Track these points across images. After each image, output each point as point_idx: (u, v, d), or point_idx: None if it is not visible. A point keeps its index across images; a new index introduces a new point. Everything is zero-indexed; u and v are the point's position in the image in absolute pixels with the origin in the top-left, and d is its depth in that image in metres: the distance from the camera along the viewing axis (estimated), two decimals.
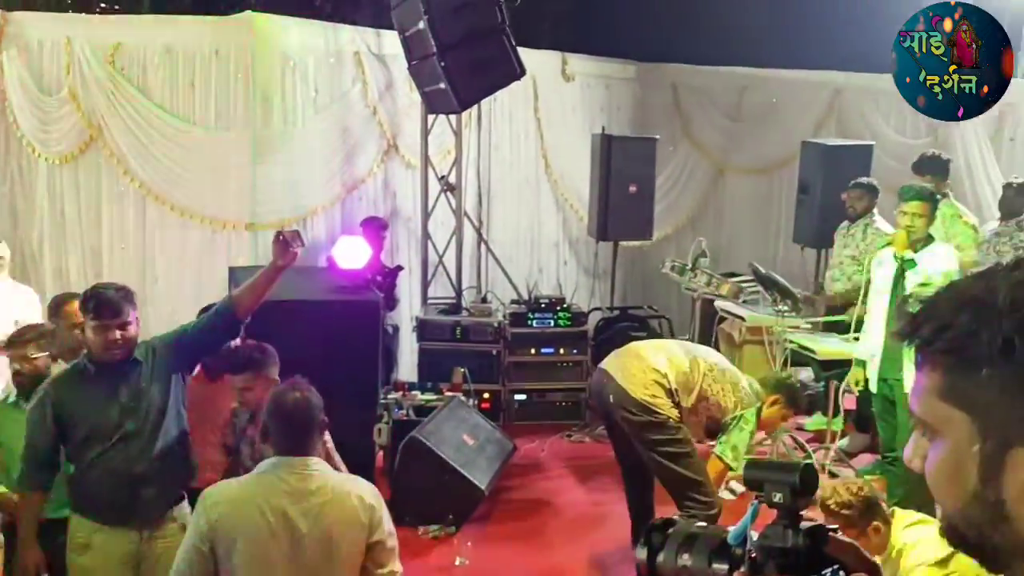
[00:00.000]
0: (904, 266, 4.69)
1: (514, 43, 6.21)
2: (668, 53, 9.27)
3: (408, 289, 7.40)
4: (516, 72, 6.27)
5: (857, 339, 5.32)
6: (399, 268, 7.03)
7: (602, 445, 6.48)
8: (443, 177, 7.21)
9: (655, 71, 9.10)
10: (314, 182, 6.95)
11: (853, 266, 6.14)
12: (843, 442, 6.36)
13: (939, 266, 4.62)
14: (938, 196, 5.21)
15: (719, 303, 6.86)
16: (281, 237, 3.46)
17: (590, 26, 9.75)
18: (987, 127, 8.63)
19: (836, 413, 6.10)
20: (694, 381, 4.31)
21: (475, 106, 7.12)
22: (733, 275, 7.70)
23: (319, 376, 4.14)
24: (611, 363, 4.51)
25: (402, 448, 4.96)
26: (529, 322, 6.87)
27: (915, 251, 4.69)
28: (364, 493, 2.83)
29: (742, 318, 6.51)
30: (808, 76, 8.95)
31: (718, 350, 7.18)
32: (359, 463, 3.98)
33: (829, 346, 5.79)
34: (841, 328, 5.95)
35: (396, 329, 7.06)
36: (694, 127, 9.09)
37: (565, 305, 6.99)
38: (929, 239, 4.74)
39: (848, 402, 6.27)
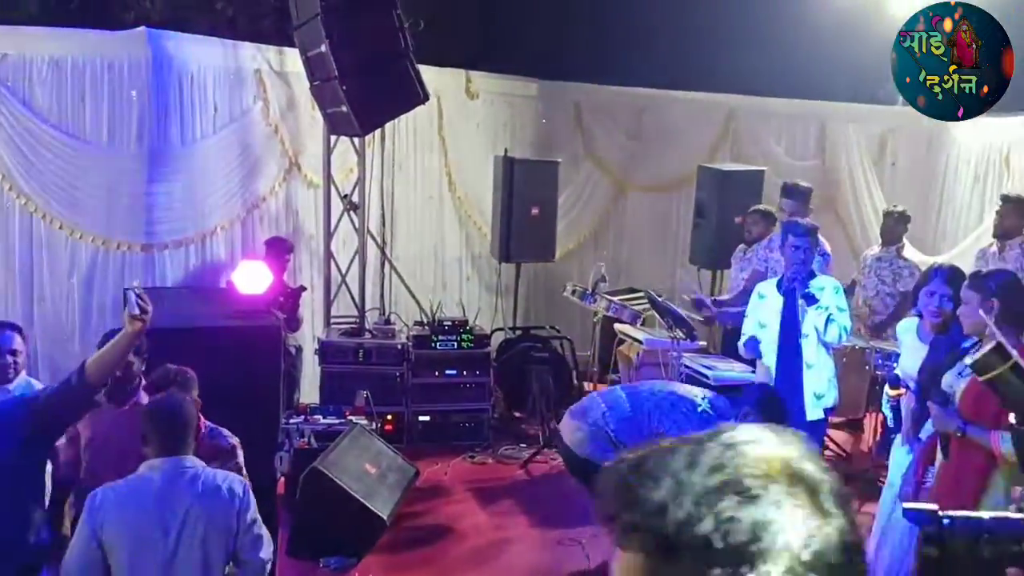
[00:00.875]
0: (802, 299, 4.88)
1: (417, 68, 6.22)
2: (570, 72, 9.42)
3: (311, 309, 7.33)
4: (419, 97, 6.29)
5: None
6: (302, 288, 6.95)
7: (505, 466, 6.58)
8: (346, 196, 7.17)
9: (557, 89, 9.23)
10: (214, 201, 6.82)
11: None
12: None
13: (829, 298, 4.86)
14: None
15: (618, 326, 7.02)
16: (127, 302, 3.30)
17: (494, 44, 9.82)
18: (870, 152, 9.06)
19: None
20: (640, 422, 4.35)
21: None
22: (633, 291, 7.90)
23: (219, 403, 4.11)
24: (563, 422, 4.56)
25: (303, 479, 4.91)
26: (433, 344, 6.89)
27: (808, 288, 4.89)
28: (234, 484, 3.20)
29: (640, 341, 6.68)
30: (704, 98, 9.23)
31: (616, 371, 7.38)
32: (260, 489, 3.95)
33: (722, 371, 6.00)
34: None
35: (299, 350, 6.98)
36: (596, 145, 9.26)
37: (468, 327, 7.04)
38: (811, 273, 4.96)
39: None
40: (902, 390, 4.19)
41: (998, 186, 7.93)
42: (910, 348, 4.29)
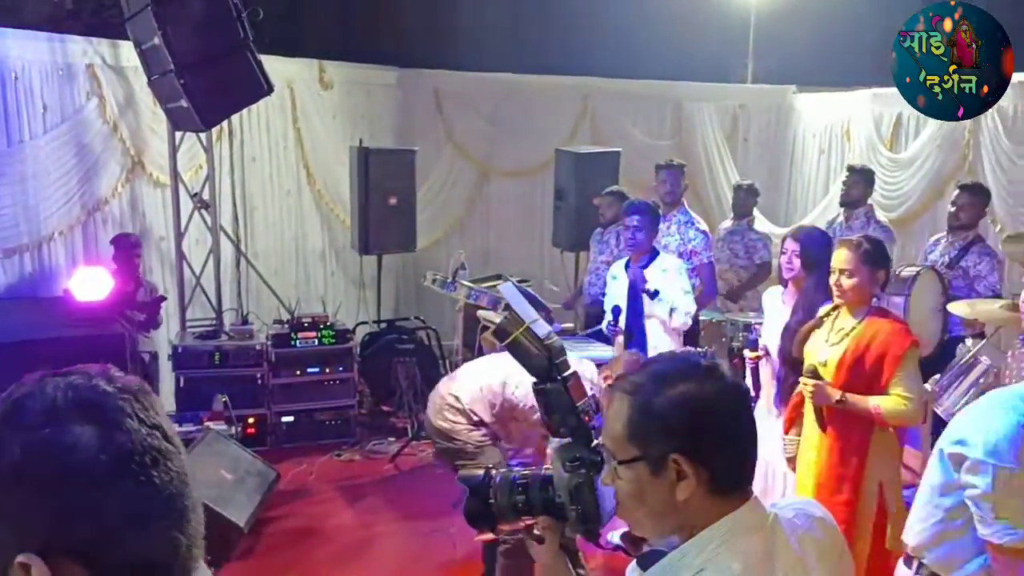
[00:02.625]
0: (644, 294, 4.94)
1: (259, 59, 6.02)
2: (429, 59, 9.33)
3: (165, 313, 7.04)
4: (263, 88, 6.08)
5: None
6: (162, 298, 6.69)
7: (373, 462, 6.49)
8: (196, 194, 6.90)
9: (416, 77, 9.13)
10: (49, 205, 6.45)
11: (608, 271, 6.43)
12: None
13: (672, 279, 4.93)
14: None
15: (481, 312, 6.99)
16: None
17: (348, 32, 9.64)
18: (724, 129, 9.31)
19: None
20: (496, 394, 4.26)
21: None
22: (499, 277, 7.88)
23: None
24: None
25: None
26: (292, 343, 6.72)
27: (647, 261, 4.95)
28: None
29: None
30: (562, 81, 9.28)
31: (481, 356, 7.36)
32: None
33: (583, 353, 6.04)
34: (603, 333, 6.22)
35: (154, 356, 6.70)
36: (457, 132, 9.21)
37: (328, 323, 6.89)
38: (655, 251, 5.02)
39: None
40: (760, 353, 4.28)
41: (841, 158, 8.27)
42: (773, 313, 4.38)
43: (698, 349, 1.53)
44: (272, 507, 5.48)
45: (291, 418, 6.70)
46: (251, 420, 6.51)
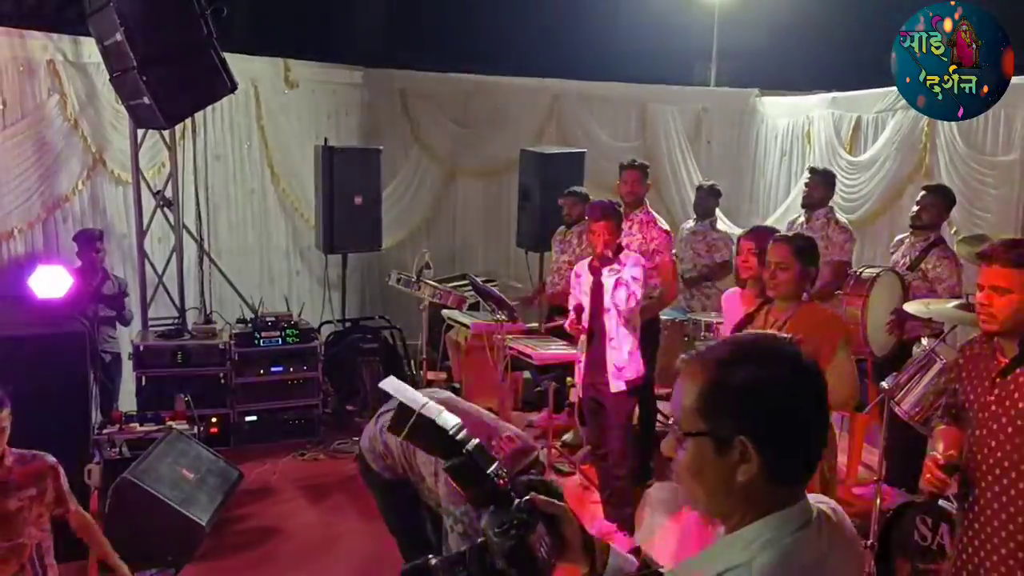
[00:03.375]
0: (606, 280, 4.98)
1: (223, 56, 6.00)
2: (395, 59, 9.33)
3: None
4: (227, 86, 6.06)
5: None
6: (124, 295, 6.62)
7: (336, 461, 6.48)
8: (159, 192, 6.86)
9: (382, 77, 9.12)
10: (8, 201, 6.38)
11: (570, 271, 6.46)
12: (568, 436, 6.73)
13: (633, 273, 4.96)
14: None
15: (446, 312, 7.02)
16: None
17: (314, 31, 9.62)
18: (687, 131, 9.41)
19: (558, 410, 6.44)
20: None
21: (189, 117, 6.84)
22: (465, 277, 7.91)
23: (21, 417, 3.84)
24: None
25: (112, 490, 4.67)
26: (256, 342, 6.69)
27: (609, 259, 4.98)
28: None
29: (467, 326, 6.70)
30: (529, 83, 9.33)
31: (446, 357, 7.39)
32: None
33: (546, 351, 6.09)
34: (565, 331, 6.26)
35: (116, 357, 6.64)
36: (423, 132, 9.21)
37: (293, 322, 6.87)
38: (619, 248, 5.06)
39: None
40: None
41: (802, 160, 8.39)
42: (733, 314, 4.45)
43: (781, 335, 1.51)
44: (235, 507, 5.46)
45: (254, 417, 6.67)
46: (214, 420, 6.47)
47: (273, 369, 6.71)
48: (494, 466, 1.71)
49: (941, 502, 4.11)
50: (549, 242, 7.08)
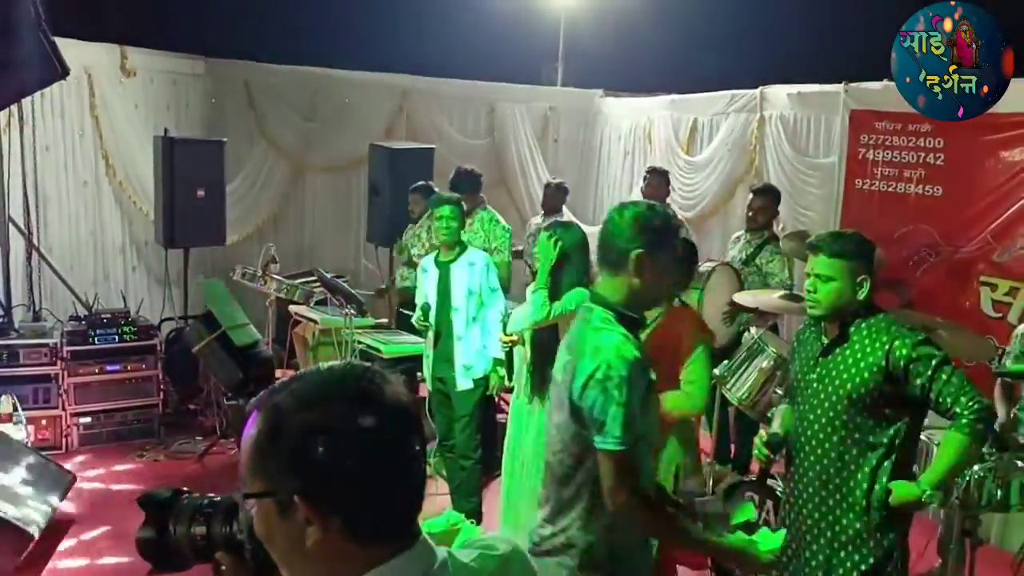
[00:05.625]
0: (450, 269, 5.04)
1: (53, 40, 5.70)
2: (240, 50, 9.08)
3: None
4: (58, 72, 5.77)
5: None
6: None
7: (179, 461, 6.27)
8: None
9: (226, 68, 8.86)
10: None
11: (411, 274, 6.49)
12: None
13: (478, 271, 5.04)
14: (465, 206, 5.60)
15: (293, 307, 6.92)
16: None
17: (154, 18, 9.25)
18: (535, 130, 9.61)
19: None
20: None
21: (15, 104, 6.48)
22: (312, 273, 7.80)
23: None
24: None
25: None
26: (91, 339, 6.40)
27: (455, 255, 5.05)
28: None
29: (315, 321, 6.63)
30: (378, 79, 9.28)
31: (293, 354, 7.27)
32: None
33: (395, 346, 6.10)
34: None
35: None
36: (270, 126, 9.01)
37: (130, 319, 6.60)
38: (463, 245, 5.13)
39: None
40: (515, 337, 4.42)
41: (644, 159, 8.72)
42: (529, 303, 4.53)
43: (371, 364, 1.23)
44: (68, 511, 5.21)
45: (89, 419, 6.37)
46: (44, 421, 6.15)
47: (109, 368, 6.42)
48: None
49: (769, 481, 4.39)
50: (399, 237, 7.09)
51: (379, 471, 1.14)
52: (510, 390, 4.94)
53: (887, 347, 2.97)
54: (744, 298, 5.21)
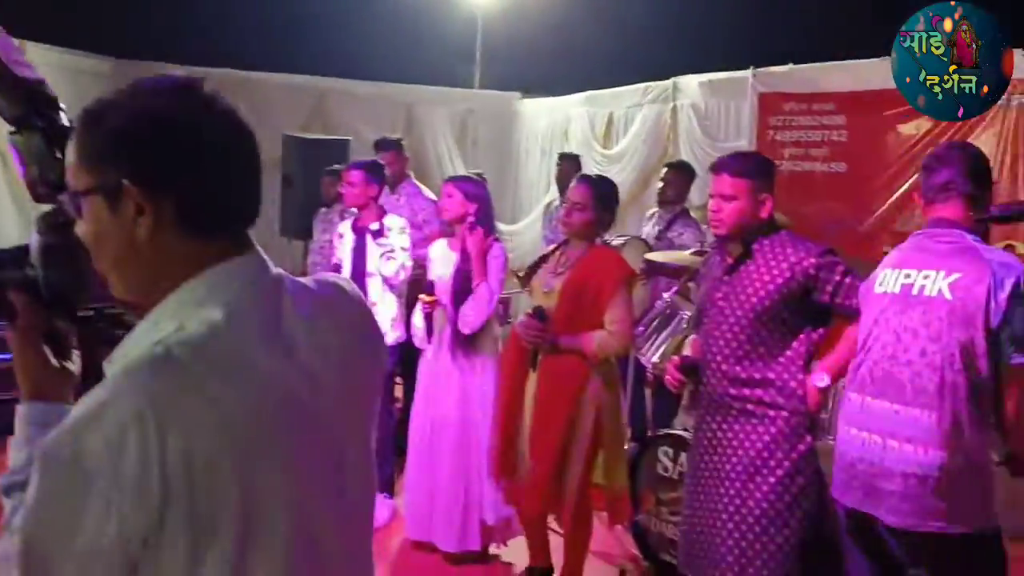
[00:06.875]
0: (369, 235, 4.93)
1: None
2: (148, 50, 8.91)
3: None
4: None
5: None
6: None
7: None
8: None
9: (133, 68, 8.65)
10: None
11: (331, 249, 6.36)
12: None
13: (398, 238, 4.95)
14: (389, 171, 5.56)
15: None
16: None
17: (57, 14, 9.02)
18: (453, 131, 9.60)
19: None
20: None
21: None
22: None
23: None
24: None
25: None
26: None
27: (377, 224, 4.95)
28: None
29: None
30: (294, 80, 9.18)
31: None
32: None
33: None
34: None
35: None
36: None
37: None
38: (383, 210, 5.05)
39: None
40: (435, 298, 4.33)
41: None
42: (442, 260, 4.44)
43: None
44: None
45: None
46: None
47: None
48: None
49: (681, 432, 4.36)
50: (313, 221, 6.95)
51: (209, 155, 1.11)
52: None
53: (792, 259, 3.00)
54: (658, 256, 5.28)
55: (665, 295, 5.21)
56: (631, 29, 9.57)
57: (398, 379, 6.44)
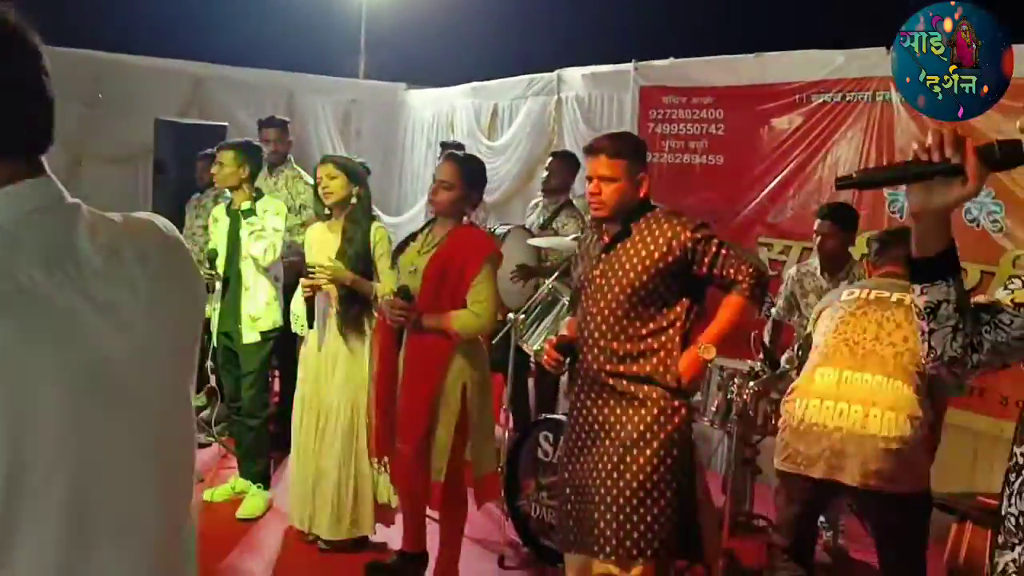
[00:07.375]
0: (241, 215, 4.78)
1: None
2: None
3: None
4: None
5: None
6: None
7: None
8: None
9: None
10: None
11: (205, 236, 6.15)
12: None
13: (271, 220, 4.80)
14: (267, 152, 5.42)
15: None
16: None
17: None
18: (336, 122, 9.42)
19: None
20: None
21: None
22: None
23: None
24: None
25: None
26: None
27: (249, 204, 4.79)
28: None
29: None
30: (169, 64, 8.84)
31: None
32: None
33: None
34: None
35: None
36: None
37: None
38: (259, 192, 4.90)
39: None
40: (316, 281, 4.23)
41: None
42: (319, 244, 4.37)
43: None
44: None
45: None
46: None
47: None
48: None
49: (560, 416, 4.36)
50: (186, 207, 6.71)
51: None
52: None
53: (669, 234, 3.04)
54: (540, 241, 5.30)
55: (548, 282, 5.22)
56: (516, 21, 9.61)
57: (276, 372, 6.27)
